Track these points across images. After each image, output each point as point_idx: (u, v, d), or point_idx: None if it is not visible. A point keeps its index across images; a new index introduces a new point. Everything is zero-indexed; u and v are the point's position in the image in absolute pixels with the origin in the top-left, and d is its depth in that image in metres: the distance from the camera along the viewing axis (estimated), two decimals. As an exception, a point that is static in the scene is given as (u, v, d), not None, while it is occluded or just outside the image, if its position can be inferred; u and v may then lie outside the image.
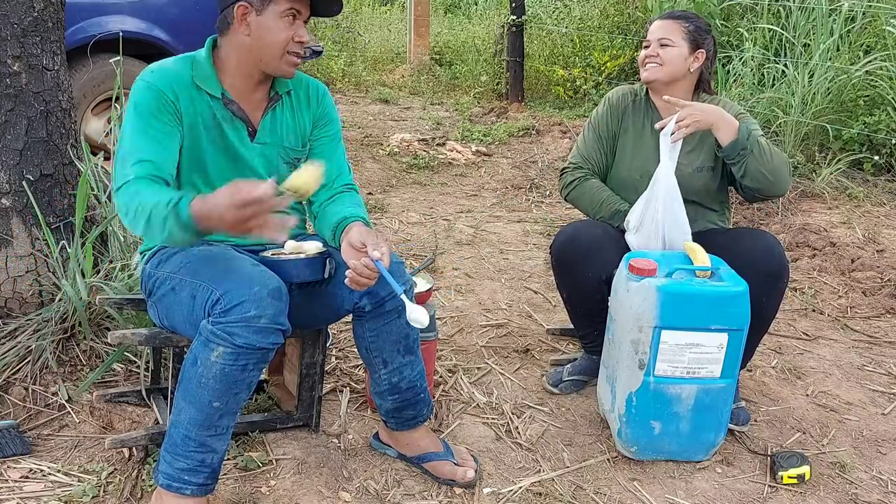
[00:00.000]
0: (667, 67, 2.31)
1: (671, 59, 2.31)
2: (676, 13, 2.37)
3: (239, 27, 1.84)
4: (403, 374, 1.99)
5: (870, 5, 5.00)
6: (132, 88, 1.84)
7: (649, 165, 2.30)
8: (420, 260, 3.50)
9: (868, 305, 3.18)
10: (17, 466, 1.99)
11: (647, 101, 2.42)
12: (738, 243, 2.23)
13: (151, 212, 1.63)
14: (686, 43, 2.31)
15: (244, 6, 1.82)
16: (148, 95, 1.81)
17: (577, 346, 2.77)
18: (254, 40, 1.84)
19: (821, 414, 2.45)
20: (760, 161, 2.19)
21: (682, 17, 2.34)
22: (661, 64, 2.31)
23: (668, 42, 2.30)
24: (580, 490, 2.05)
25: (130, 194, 1.70)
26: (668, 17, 2.35)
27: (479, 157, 5.33)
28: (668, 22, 2.33)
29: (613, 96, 2.47)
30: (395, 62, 8.62)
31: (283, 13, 1.82)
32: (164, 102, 1.81)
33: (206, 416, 1.73)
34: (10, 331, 2.30)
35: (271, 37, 1.83)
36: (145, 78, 1.84)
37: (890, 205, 4.29)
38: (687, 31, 2.31)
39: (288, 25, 1.84)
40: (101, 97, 3.92)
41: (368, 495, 1.98)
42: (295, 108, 2.01)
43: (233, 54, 1.88)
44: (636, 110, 2.42)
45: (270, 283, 1.72)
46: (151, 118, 1.80)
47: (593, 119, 2.48)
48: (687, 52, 2.31)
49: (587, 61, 6.69)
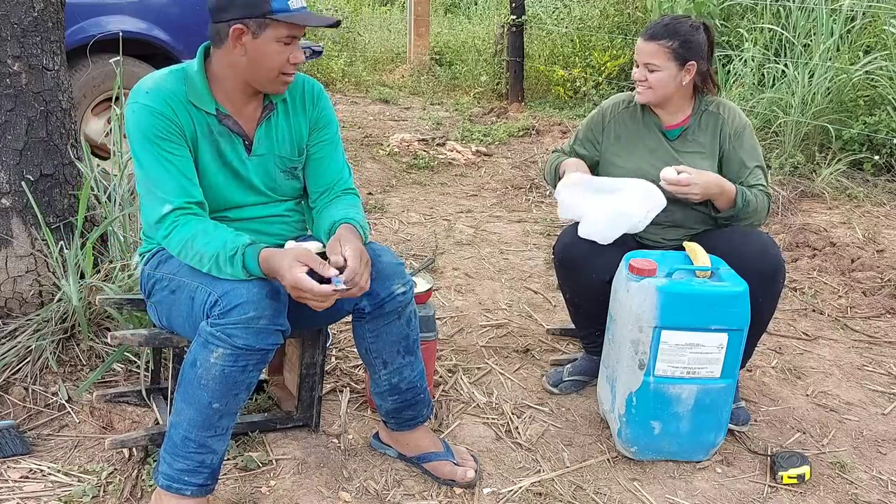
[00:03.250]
0: (656, 91, 2.28)
1: (659, 83, 2.27)
2: (659, 31, 2.26)
3: (233, 48, 1.80)
4: (403, 375, 1.99)
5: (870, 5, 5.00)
6: (130, 111, 1.81)
7: (645, 171, 2.29)
8: (420, 260, 3.50)
9: (868, 305, 3.18)
10: (17, 466, 1.99)
11: (644, 107, 2.39)
12: (734, 243, 2.22)
13: (218, 256, 1.72)
14: (673, 62, 2.25)
15: (240, 28, 1.77)
16: (152, 120, 1.78)
17: (577, 346, 2.77)
18: (249, 62, 1.81)
19: (821, 414, 2.45)
20: (747, 219, 2.29)
21: (664, 37, 2.25)
22: (650, 87, 2.28)
23: (654, 67, 2.26)
24: (580, 490, 2.05)
25: (182, 238, 1.76)
26: (650, 38, 2.26)
27: (479, 157, 5.33)
28: (650, 45, 2.26)
29: (606, 104, 2.47)
30: (395, 62, 8.62)
31: (279, 38, 1.79)
32: (169, 124, 1.79)
33: (206, 417, 1.73)
34: (10, 331, 2.30)
35: (267, 61, 1.81)
36: (143, 101, 1.79)
37: (890, 205, 4.29)
38: (671, 51, 2.24)
39: (284, 48, 1.81)
40: (101, 97, 3.92)
41: (368, 495, 1.98)
42: (290, 113, 1.98)
43: (227, 70, 1.85)
44: (632, 118, 2.40)
45: (268, 284, 1.72)
46: (164, 143, 1.78)
47: (585, 121, 2.51)
48: (675, 70, 2.26)
49: (587, 61, 6.69)
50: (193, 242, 1.75)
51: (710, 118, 2.33)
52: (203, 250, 1.73)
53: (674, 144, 2.34)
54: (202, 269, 1.75)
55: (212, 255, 1.72)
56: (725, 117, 2.32)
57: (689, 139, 2.34)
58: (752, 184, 2.28)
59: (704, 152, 2.32)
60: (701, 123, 2.33)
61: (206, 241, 1.74)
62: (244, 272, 1.71)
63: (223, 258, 1.71)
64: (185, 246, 1.76)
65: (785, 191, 4.25)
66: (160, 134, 1.78)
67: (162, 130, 1.78)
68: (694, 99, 2.36)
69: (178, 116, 1.81)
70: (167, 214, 1.77)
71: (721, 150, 2.32)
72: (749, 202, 2.24)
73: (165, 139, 1.78)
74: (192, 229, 1.76)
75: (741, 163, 2.30)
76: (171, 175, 1.78)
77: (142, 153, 1.79)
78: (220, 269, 1.72)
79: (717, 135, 2.32)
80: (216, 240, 1.74)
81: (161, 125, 1.78)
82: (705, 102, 2.35)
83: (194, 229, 1.76)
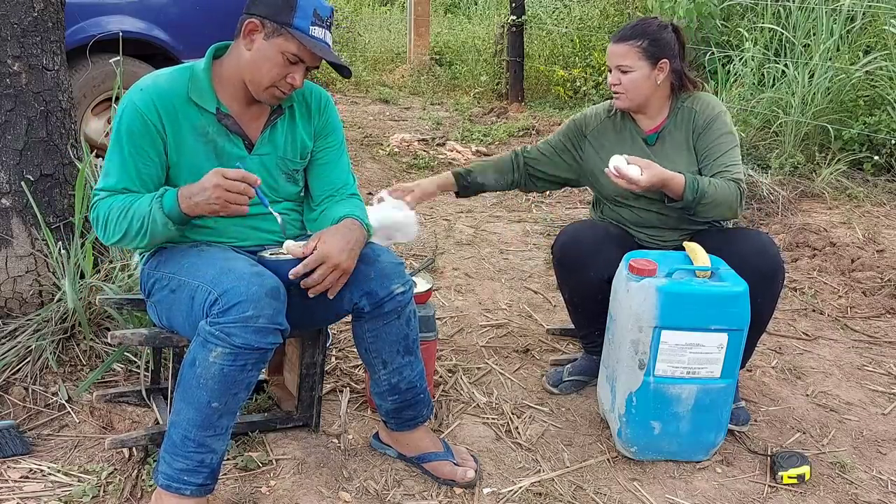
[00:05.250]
0: (631, 94, 2.27)
1: (633, 84, 2.26)
2: (627, 32, 2.27)
3: (243, 40, 1.84)
4: (403, 375, 1.99)
5: (870, 5, 5.00)
6: (122, 102, 1.85)
7: None
8: (420, 260, 3.50)
9: (868, 305, 3.18)
10: (17, 466, 1.99)
11: (623, 116, 2.39)
12: (733, 243, 2.22)
13: (132, 205, 1.79)
14: (645, 62, 2.24)
15: (255, 24, 1.81)
16: (133, 120, 1.83)
17: (577, 346, 2.77)
18: (250, 60, 1.84)
19: (821, 414, 2.45)
20: (711, 209, 2.20)
21: (633, 37, 2.25)
22: (625, 91, 2.27)
23: (627, 68, 2.25)
24: (580, 490, 2.05)
25: (104, 211, 1.83)
26: (619, 40, 2.27)
27: (479, 157, 5.33)
28: (621, 46, 2.25)
29: (587, 112, 2.47)
30: (395, 62, 8.61)
31: (285, 52, 1.81)
32: (147, 128, 1.83)
33: (205, 417, 1.73)
34: (10, 331, 2.30)
35: (266, 66, 1.83)
36: (134, 98, 1.84)
37: (890, 205, 4.29)
38: (642, 50, 2.24)
39: (286, 64, 1.82)
40: (101, 97, 3.92)
41: (368, 495, 1.98)
42: (297, 119, 2.00)
43: (233, 66, 1.88)
44: (613, 127, 2.39)
45: (268, 283, 1.72)
46: (134, 143, 1.83)
47: (564, 124, 2.50)
48: (647, 70, 2.25)
49: (587, 61, 6.69)
50: (110, 210, 1.82)
51: (684, 114, 2.32)
52: (122, 202, 1.81)
53: (653, 149, 2.33)
54: (112, 225, 1.81)
55: (130, 200, 1.80)
56: (697, 110, 2.30)
57: (666, 140, 2.33)
58: (714, 172, 2.23)
59: (681, 149, 2.31)
60: (676, 121, 2.32)
61: (122, 202, 1.81)
62: (160, 209, 1.76)
63: (144, 199, 1.79)
64: (106, 220, 1.82)
65: (785, 191, 4.25)
66: (134, 134, 1.82)
67: (137, 132, 1.82)
68: (671, 99, 2.34)
69: (163, 120, 1.84)
70: (94, 203, 1.85)
71: (692, 143, 2.30)
72: (704, 192, 2.16)
73: (136, 141, 1.83)
74: (108, 202, 1.83)
75: (708, 153, 2.27)
76: (124, 171, 1.84)
77: (112, 142, 1.85)
78: (137, 211, 1.79)
79: (689, 129, 2.31)
80: (133, 198, 1.82)
81: (138, 127, 1.82)
82: (681, 100, 2.34)
83: (110, 202, 1.83)
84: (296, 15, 1.79)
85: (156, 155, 1.85)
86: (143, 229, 1.79)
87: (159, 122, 1.83)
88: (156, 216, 1.77)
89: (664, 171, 2.14)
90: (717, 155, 2.26)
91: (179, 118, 1.85)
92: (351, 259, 1.83)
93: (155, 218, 1.77)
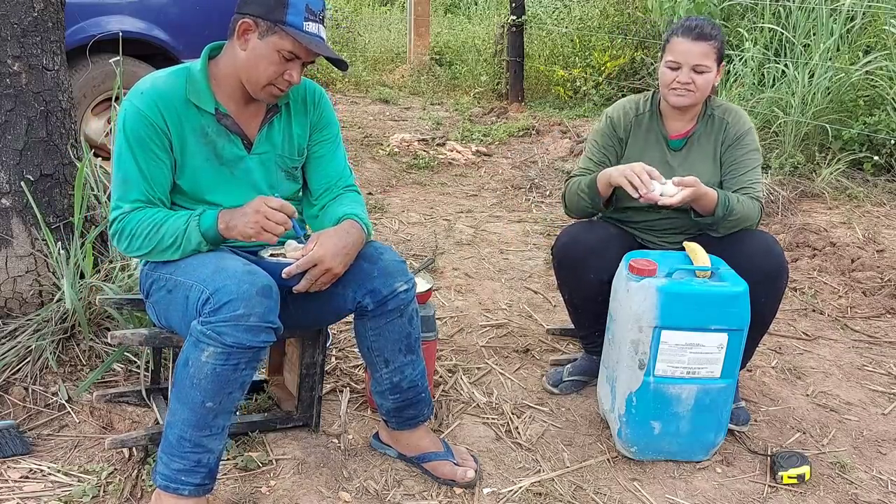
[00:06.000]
0: (700, 95, 2.20)
1: (706, 85, 2.19)
2: (706, 31, 2.17)
3: (237, 40, 1.83)
4: (405, 374, 1.99)
5: (870, 5, 5.00)
6: (123, 108, 1.84)
7: None
8: (420, 260, 3.50)
9: (868, 305, 3.18)
10: (17, 466, 1.99)
11: (651, 116, 2.33)
12: (736, 244, 2.22)
13: (165, 222, 1.80)
14: (715, 64, 2.19)
15: (248, 24, 1.80)
16: (138, 124, 1.82)
17: (577, 346, 2.77)
18: (246, 60, 1.83)
19: (821, 414, 2.45)
20: (734, 225, 2.20)
21: (711, 37, 2.16)
22: (695, 91, 2.19)
23: (704, 68, 2.16)
24: (580, 490, 2.05)
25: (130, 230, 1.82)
26: (699, 37, 2.16)
27: (479, 157, 5.33)
28: (702, 45, 2.15)
29: (613, 113, 2.37)
30: (395, 62, 8.61)
31: (280, 50, 1.80)
32: (154, 130, 1.82)
33: (200, 417, 1.73)
34: (10, 331, 2.30)
35: (262, 65, 1.82)
36: (136, 102, 1.83)
37: (890, 205, 4.29)
38: (716, 51, 2.18)
39: (282, 62, 1.82)
40: (101, 97, 3.92)
41: (368, 495, 1.98)
42: (293, 116, 2.00)
43: (229, 66, 1.87)
44: (640, 126, 2.34)
45: (259, 282, 1.72)
46: (143, 147, 1.82)
47: (593, 133, 2.42)
48: (715, 72, 2.21)
49: (587, 61, 6.69)
50: (139, 224, 1.82)
51: (714, 123, 2.30)
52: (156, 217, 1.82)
53: (678, 154, 2.31)
54: (139, 240, 1.81)
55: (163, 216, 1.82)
56: (729, 122, 2.29)
57: (694, 146, 2.31)
58: (737, 188, 2.23)
59: (707, 159, 2.30)
60: (706, 129, 2.31)
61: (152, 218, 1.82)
62: (197, 228, 1.79)
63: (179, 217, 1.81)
64: (133, 235, 1.82)
65: (785, 191, 4.25)
66: (142, 139, 1.82)
67: (145, 136, 1.82)
68: (702, 104, 2.31)
69: (167, 121, 1.83)
70: (118, 217, 1.84)
71: (719, 154, 2.30)
72: (733, 209, 2.16)
73: (145, 145, 1.82)
74: (136, 216, 1.83)
75: (734, 168, 2.26)
76: (143, 181, 1.83)
77: (121, 150, 1.84)
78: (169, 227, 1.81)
79: (718, 140, 2.29)
80: (166, 214, 1.83)
81: (145, 131, 1.82)
82: (712, 107, 2.32)
83: (139, 216, 1.82)
84: (288, 12, 1.78)
85: (166, 157, 1.85)
86: (174, 244, 1.80)
87: (164, 123, 1.83)
88: (191, 235, 1.79)
89: (699, 188, 2.11)
90: (742, 171, 2.25)
91: (181, 120, 1.85)
92: (343, 264, 1.84)
93: (190, 237, 1.79)
